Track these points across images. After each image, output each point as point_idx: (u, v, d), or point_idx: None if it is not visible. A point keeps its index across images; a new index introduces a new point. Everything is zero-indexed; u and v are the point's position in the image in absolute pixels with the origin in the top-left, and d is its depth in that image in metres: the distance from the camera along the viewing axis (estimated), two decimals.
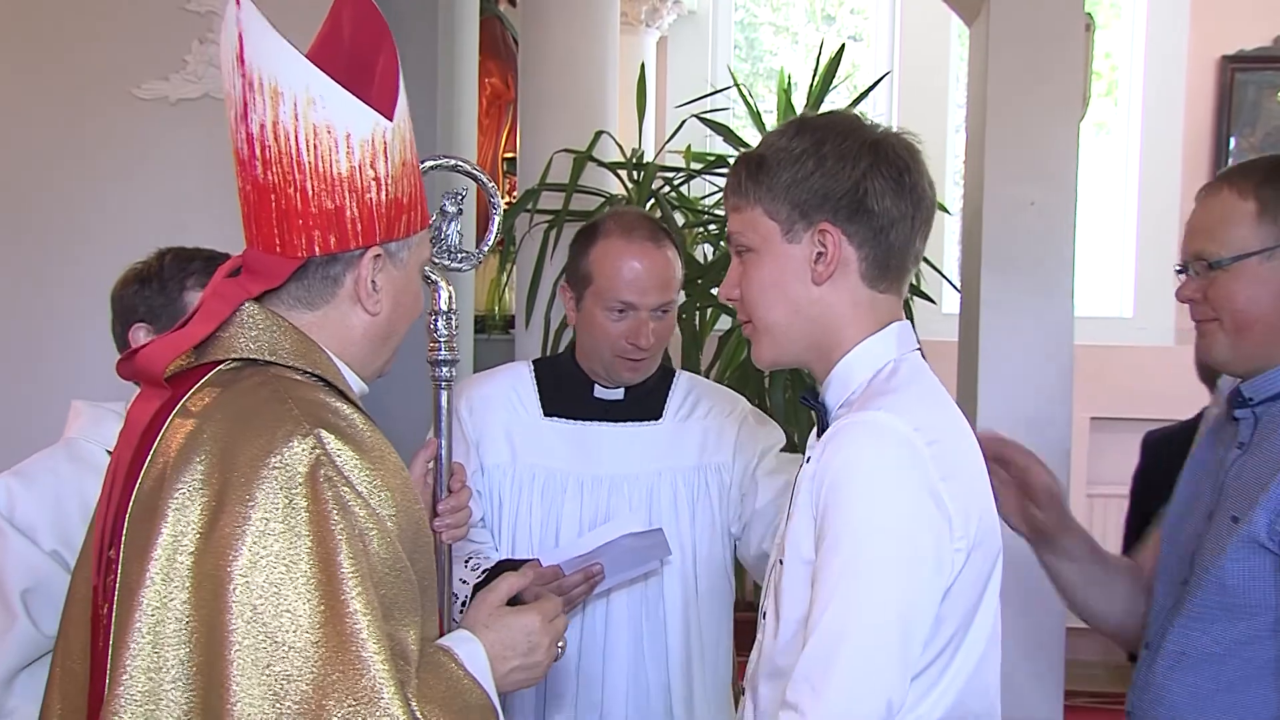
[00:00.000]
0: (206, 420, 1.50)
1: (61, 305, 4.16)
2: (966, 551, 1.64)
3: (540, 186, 4.73)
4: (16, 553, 2.18)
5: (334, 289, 1.61)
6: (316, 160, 1.55)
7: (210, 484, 1.46)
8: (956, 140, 6.75)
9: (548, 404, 2.60)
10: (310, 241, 1.57)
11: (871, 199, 1.70)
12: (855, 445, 1.62)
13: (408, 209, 1.63)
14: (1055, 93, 3.95)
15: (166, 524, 1.45)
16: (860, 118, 1.78)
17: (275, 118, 1.54)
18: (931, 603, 1.62)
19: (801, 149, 1.71)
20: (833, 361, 1.75)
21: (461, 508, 2.08)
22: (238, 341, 1.57)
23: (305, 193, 1.56)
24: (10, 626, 2.17)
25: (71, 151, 4.17)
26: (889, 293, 1.76)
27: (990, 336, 4.02)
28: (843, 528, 1.59)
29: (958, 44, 7.12)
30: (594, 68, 5.20)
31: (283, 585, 1.40)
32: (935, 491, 1.61)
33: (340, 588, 1.40)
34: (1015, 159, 3.97)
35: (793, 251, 1.73)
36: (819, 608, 1.59)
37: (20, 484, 2.21)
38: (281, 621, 1.39)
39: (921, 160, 1.76)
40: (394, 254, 1.64)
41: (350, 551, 1.42)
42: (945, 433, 1.68)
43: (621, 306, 2.47)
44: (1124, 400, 6.39)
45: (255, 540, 1.41)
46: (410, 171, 1.64)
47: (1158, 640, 2.01)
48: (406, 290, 1.68)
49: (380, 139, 1.58)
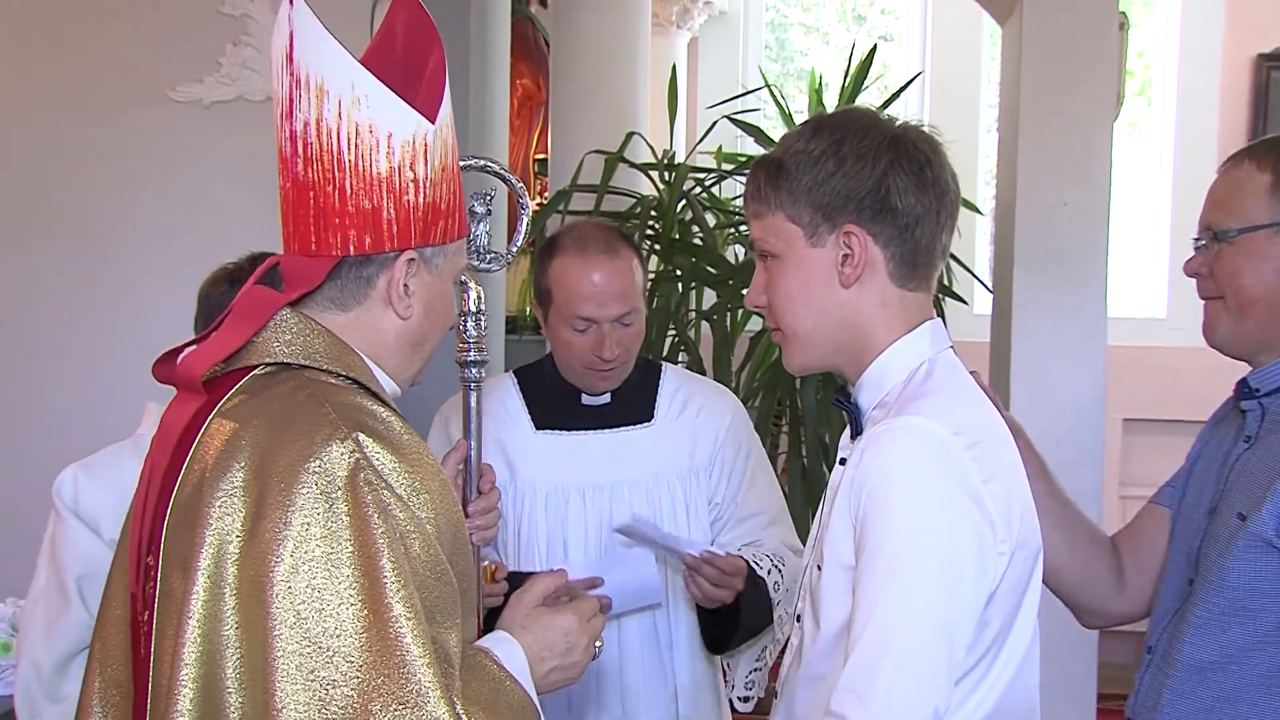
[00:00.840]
0: (244, 425, 1.50)
1: (97, 305, 4.20)
2: (1009, 554, 1.62)
3: (571, 188, 4.73)
4: (76, 541, 2.25)
5: (367, 290, 1.61)
6: (357, 159, 1.55)
7: (250, 490, 1.46)
8: (988, 140, 6.71)
9: (538, 417, 2.59)
10: (345, 241, 1.57)
11: (895, 196, 1.67)
12: (895, 451, 1.60)
13: (445, 215, 1.63)
14: (1089, 92, 3.93)
15: (210, 532, 1.45)
16: (877, 113, 1.75)
17: (319, 115, 1.54)
18: (975, 607, 1.60)
19: (820, 150, 1.68)
20: (865, 364, 1.73)
21: (492, 509, 2.08)
22: (272, 346, 1.57)
23: (344, 191, 1.56)
24: (66, 611, 2.24)
25: (105, 153, 4.20)
26: (918, 291, 1.74)
27: (1023, 337, 4.00)
28: (884, 535, 1.57)
29: (990, 44, 7.09)
30: (625, 69, 5.20)
31: (325, 590, 1.39)
32: (977, 495, 1.59)
33: (383, 591, 1.40)
34: (1048, 159, 3.94)
35: (818, 255, 1.70)
36: (862, 616, 1.57)
37: (86, 476, 2.28)
38: (325, 626, 1.39)
39: (943, 153, 1.73)
40: (429, 260, 1.63)
41: (392, 554, 1.42)
42: (984, 433, 1.66)
43: (583, 324, 2.44)
44: (1157, 402, 6.35)
45: (296, 545, 1.41)
46: (450, 178, 1.63)
47: (1165, 645, 1.95)
48: (440, 298, 1.67)
49: (421, 141, 1.58)
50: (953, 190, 1.73)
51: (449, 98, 1.64)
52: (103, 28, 4.20)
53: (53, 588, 2.26)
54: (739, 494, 2.58)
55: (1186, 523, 2.00)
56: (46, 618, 2.26)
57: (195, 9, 4.09)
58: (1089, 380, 3.96)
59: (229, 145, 4.09)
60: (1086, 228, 3.95)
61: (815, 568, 1.71)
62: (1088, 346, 3.96)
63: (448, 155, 1.63)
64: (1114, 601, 2.13)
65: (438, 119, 1.60)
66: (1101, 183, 3.95)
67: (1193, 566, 1.93)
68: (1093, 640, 3.95)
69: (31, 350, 4.25)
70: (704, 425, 2.58)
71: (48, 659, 2.25)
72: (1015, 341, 4.00)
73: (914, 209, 1.68)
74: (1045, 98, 3.94)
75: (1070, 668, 3.81)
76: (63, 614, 2.24)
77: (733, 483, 2.58)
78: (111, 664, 1.59)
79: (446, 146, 1.62)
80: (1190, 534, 1.97)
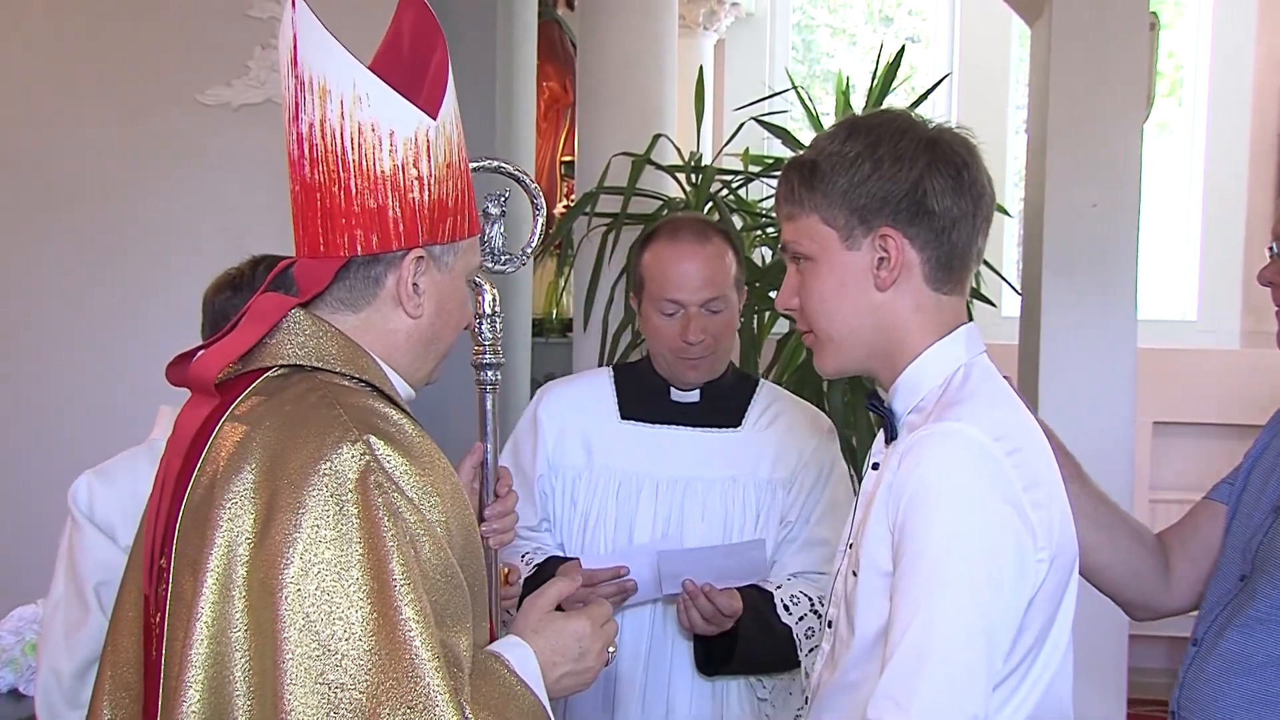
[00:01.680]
0: (255, 427, 1.51)
1: (118, 307, 4.23)
2: (1049, 561, 1.61)
3: (598, 190, 4.72)
4: (93, 548, 2.26)
5: (376, 290, 1.61)
6: (360, 158, 1.56)
7: (261, 492, 1.46)
8: (1017, 142, 6.68)
9: (625, 408, 2.62)
10: (353, 241, 1.57)
11: (932, 199, 1.66)
12: (935, 458, 1.59)
13: (453, 212, 1.63)
14: (1118, 93, 3.91)
15: (220, 534, 1.45)
16: (912, 115, 1.74)
17: (323, 115, 1.55)
18: (1015, 616, 1.59)
19: (856, 152, 1.67)
20: (899, 368, 1.72)
21: (508, 513, 2.08)
22: (284, 348, 1.57)
23: (349, 191, 1.56)
24: (85, 619, 2.25)
25: (133, 156, 4.23)
26: (953, 294, 1.72)
27: (1051, 340, 3.98)
28: (924, 542, 1.56)
29: (1018, 45, 7.05)
30: (652, 71, 5.19)
31: (334, 593, 1.40)
32: (1018, 502, 1.58)
33: (392, 595, 1.40)
34: (1077, 160, 3.93)
35: (853, 258, 1.69)
36: (900, 624, 1.56)
37: (101, 482, 2.28)
38: (334, 630, 1.39)
39: (979, 155, 1.72)
40: (438, 258, 1.63)
41: (402, 558, 1.42)
42: (1024, 440, 1.65)
43: (671, 307, 2.49)
44: (1187, 405, 6.30)
45: (306, 548, 1.41)
46: (456, 175, 1.63)
47: (1212, 639, 1.95)
48: (451, 296, 1.67)
49: (423, 138, 1.58)
50: (989, 193, 1.72)
51: (453, 95, 1.64)
52: (131, 30, 4.22)
53: (71, 596, 2.27)
54: (811, 518, 2.58)
55: (1245, 520, 2.00)
56: (66, 626, 2.26)
57: (223, 12, 4.11)
58: (1118, 383, 3.94)
59: (256, 148, 4.10)
60: (1116, 229, 3.93)
61: (850, 574, 1.70)
62: (1117, 349, 3.94)
63: (453, 152, 1.63)
64: (1162, 595, 2.13)
65: (439, 115, 1.60)
66: (1131, 184, 3.93)
67: (1248, 563, 1.93)
68: (1123, 645, 3.93)
69: (51, 352, 4.28)
70: (791, 441, 2.59)
71: (68, 666, 2.26)
72: (1044, 344, 3.98)
73: (951, 211, 1.67)
74: (1074, 99, 3.92)
75: (1100, 673, 3.79)
76: (82, 622, 2.24)
77: (808, 506, 2.58)
78: (123, 666, 1.59)
79: (451, 143, 1.62)
80: (1249, 531, 1.97)
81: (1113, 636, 3.82)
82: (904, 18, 7.95)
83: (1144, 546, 2.12)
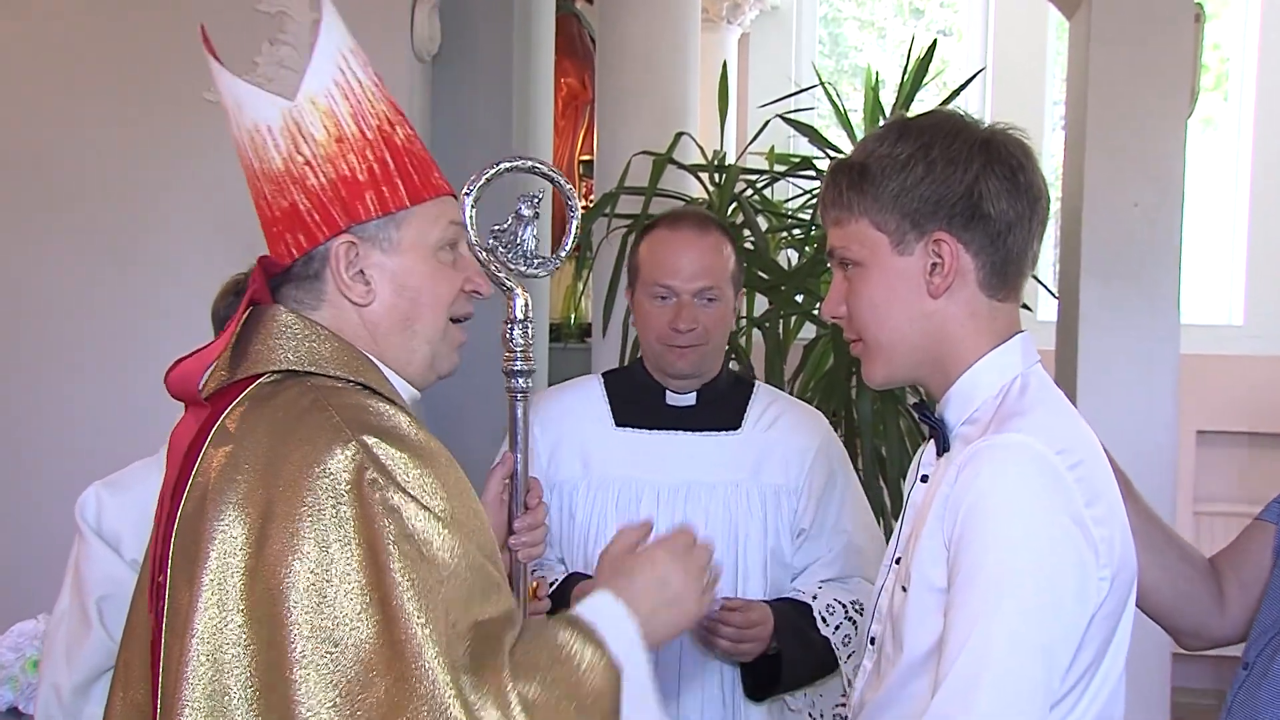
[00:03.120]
0: (246, 436, 1.51)
1: (124, 312, 4.25)
2: (1110, 580, 1.60)
3: (618, 190, 4.72)
4: (98, 561, 2.26)
5: (321, 287, 1.63)
6: (259, 163, 1.61)
7: (253, 501, 1.47)
8: (1054, 140, 6.66)
9: (619, 414, 2.62)
10: (287, 246, 1.61)
11: (987, 202, 1.65)
12: (996, 470, 1.57)
13: (372, 185, 1.62)
14: (1161, 88, 3.89)
15: (214, 547, 1.46)
16: (964, 116, 1.73)
17: (232, 135, 1.64)
18: (1075, 635, 1.58)
19: (908, 154, 1.66)
20: (952, 378, 1.71)
21: (538, 525, 2.07)
22: (276, 354, 1.58)
23: (266, 198, 1.62)
24: (87, 634, 2.25)
25: (137, 155, 4.25)
26: (1008, 301, 1.72)
27: (1090, 345, 3.97)
28: (982, 557, 1.55)
29: (1056, 37, 7.03)
30: (674, 66, 5.19)
31: (338, 598, 1.40)
32: (1080, 518, 1.57)
33: (393, 595, 1.40)
34: (1118, 158, 3.91)
35: (905, 264, 1.68)
36: (956, 641, 1.55)
37: (109, 493, 2.30)
38: (340, 635, 1.40)
39: (1034, 157, 1.71)
40: (374, 237, 1.63)
41: (400, 555, 1.42)
42: (1086, 453, 1.64)
43: (664, 292, 2.51)
44: (1233, 413, 6.27)
45: (306, 554, 1.42)
46: (358, 146, 1.62)
47: (1264, 663, 1.93)
48: (412, 273, 1.66)
49: (291, 121, 1.60)
50: (1045, 196, 1.72)
51: (324, 66, 1.63)
52: (133, 26, 4.25)
53: (74, 609, 2.28)
54: (828, 521, 2.58)
55: None
56: (68, 640, 2.28)
57: (230, 6, 4.12)
58: (1160, 390, 3.92)
59: None
60: (1158, 230, 3.91)
61: (899, 590, 1.69)
62: (1159, 355, 3.93)
63: (343, 124, 1.62)
64: (1214, 623, 2.10)
65: (299, 93, 1.61)
66: (1174, 183, 3.91)
67: None
68: (1166, 665, 3.91)
69: (53, 358, 4.29)
70: (794, 444, 2.59)
71: (68, 681, 2.27)
72: (1082, 350, 3.97)
73: (1006, 215, 1.67)
74: (1115, 94, 3.90)
75: (1143, 692, 3.76)
76: (83, 637, 2.25)
77: (822, 508, 2.58)
78: (134, 686, 1.60)
79: (335, 117, 1.62)
80: None
81: (1155, 655, 3.80)
82: (935, 10, 7.94)
83: (1194, 569, 2.10)
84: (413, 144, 1.68)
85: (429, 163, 1.70)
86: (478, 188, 1.85)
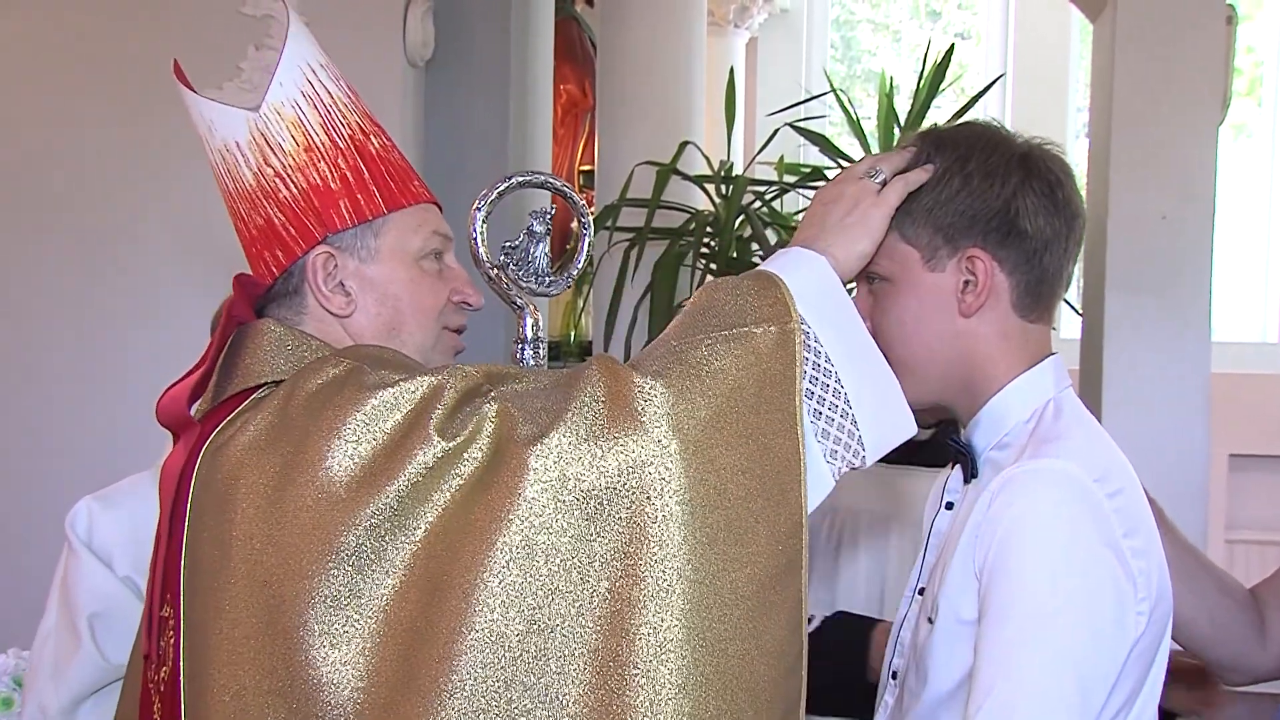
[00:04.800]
0: (253, 443, 1.47)
1: (113, 319, 4.25)
2: (1148, 612, 1.60)
3: (620, 202, 4.73)
4: (89, 576, 2.26)
5: (302, 301, 1.65)
6: (232, 183, 1.64)
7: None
8: (1078, 148, 6.67)
9: None
10: (266, 265, 1.64)
11: (1024, 219, 1.65)
12: (1032, 497, 1.57)
13: (346, 193, 1.64)
14: (1191, 93, 3.89)
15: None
16: (1002, 128, 1.74)
17: (210, 165, 1.66)
18: (1112, 670, 1.57)
19: (944, 166, 1.67)
20: (981, 401, 1.71)
21: None
22: (269, 366, 1.57)
23: (243, 218, 1.65)
24: (76, 651, 2.25)
25: (120, 160, 4.26)
26: (1040, 322, 1.72)
27: (1116, 364, 3.96)
28: (1016, 587, 1.54)
29: (1079, 40, 7.05)
30: (678, 72, 5.20)
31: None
32: (1118, 548, 1.56)
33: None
34: (1145, 167, 3.91)
35: (936, 281, 1.68)
36: (987, 675, 1.54)
37: (101, 507, 2.30)
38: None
39: (1072, 173, 1.71)
40: (352, 246, 1.65)
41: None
42: (1124, 481, 1.63)
43: None
44: (1268, 435, 6.27)
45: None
46: (328, 154, 1.64)
47: None
48: (392, 280, 1.67)
49: (257, 133, 1.63)
50: (1082, 215, 1.72)
51: (289, 77, 1.67)
52: (116, 29, 4.26)
53: (63, 626, 2.28)
54: None
55: None
56: (55, 658, 2.28)
57: (214, 9, 4.14)
58: (1190, 412, 3.92)
59: None
60: (1188, 243, 3.91)
61: (924, 622, 1.69)
62: (1189, 374, 3.92)
63: (312, 133, 1.64)
64: (1256, 656, 2.09)
65: (263, 103, 1.64)
66: (1205, 193, 3.91)
67: None
68: None
69: (44, 367, 4.29)
70: None
71: (54, 701, 2.27)
72: (1107, 369, 3.96)
73: (1044, 232, 1.67)
74: (1142, 100, 3.90)
75: None
76: (72, 654, 2.26)
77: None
78: None
79: (302, 125, 1.64)
80: None
81: None
82: (953, 12, 7.96)
83: (1233, 600, 2.10)
84: (389, 153, 1.69)
85: (408, 171, 1.71)
86: (489, 202, 1.84)
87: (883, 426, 1.56)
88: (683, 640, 1.34)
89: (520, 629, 1.33)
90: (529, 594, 1.34)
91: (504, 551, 1.34)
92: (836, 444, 1.53)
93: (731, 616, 1.38)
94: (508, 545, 1.34)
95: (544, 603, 1.34)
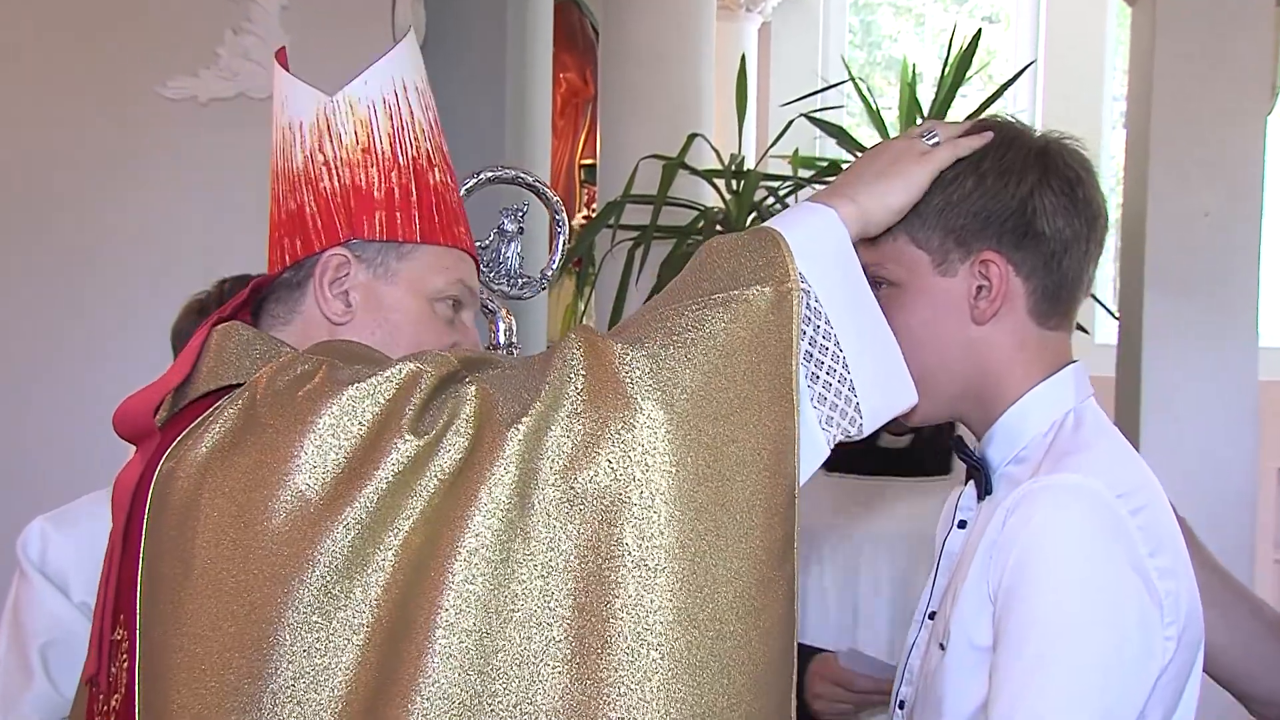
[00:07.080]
0: (229, 438, 1.46)
1: (79, 331, 4.25)
2: (1176, 638, 1.59)
3: (624, 198, 4.73)
4: (42, 604, 2.24)
5: (299, 297, 1.65)
6: (282, 162, 1.65)
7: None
8: (1114, 140, 6.67)
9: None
10: (283, 252, 1.65)
11: (1041, 219, 1.64)
12: (1051, 514, 1.56)
13: (385, 206, 1.65)
14: (1237, 82, 3.89)
15: None
16: (1018, 123, 1.73)
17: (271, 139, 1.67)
18: (1138, 699, 1.56)
19: (956, 165, 1.67)
20: (995, 412, 1.70)
21: None
22: (229, 369, 1.56)
23: (278, 200, 1.65)
24: (28, 686, 2.24)
25: (91, 156, 4.25)
26: (1059, 329, 1.71)
27: (1156, 371, 3.95)
28: (1034, 611, 1.54)
29: (1116, 26, 7.05)
30: (686, 60, 5.21)
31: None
32: (1144, 569, 1.55)
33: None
34: (1187, 161, 3.91)
35: (947, 286, 1.67)
36: (1003, 706, 1.53)
37: (55, 528, 2.28)
38: None
39: (1093, 171, 1.71)
40: (371, 260, 1.65)
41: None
42: (1149, 498, 1.62)
43: None
44: None
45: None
46: (382, 163, 1.66)
47: None
48: (399, 308, 1.66)
49: (323, 117, 1.64)
50: (1104, 214, 1.71)
51: (376, 81, 1.67)
52: (83, 16, 4.26)
53: (13, 658, 2.27)
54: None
55: None
56: (5, 692, 2.27)
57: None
58: (1237, 422, 3.91)
59: (229, 147, 4.11)
60: (1233, 241, 3.91)
61: (935, 647, 1.69)
62: (1235, 382, 3.91)
63: (374, 134, 1.66)
64: None
65: (343, 90, 1.64)
66: (1252, 189, 3.90)
67: None
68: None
69: (33, 377, 4.29)
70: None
71: None
72: (1146, 376, 3.96)
73: (1062, 233, 1.66)
74: (1184, 89, 3.90)
75: None
76: (24, 689, 2.24)
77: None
78: None
79: (365, 125, 1.65)
80: None
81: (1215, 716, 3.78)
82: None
83: (1267, 627, 2.09)
84: (447, 191, 1.71)
85: (458, 215, 1.72)
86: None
87: (883, 394, 1.55)
88: (672, 621, 1.34)
89: (496, 614, 1.33)
90: (506, 578, 1.34)
91: (482, 534, 1.34)
92: (833, 410, 1.52)
93: (727, 595, 1.38)
94: (486, 527, 1.34)
95: (523, 585, 1.34)
